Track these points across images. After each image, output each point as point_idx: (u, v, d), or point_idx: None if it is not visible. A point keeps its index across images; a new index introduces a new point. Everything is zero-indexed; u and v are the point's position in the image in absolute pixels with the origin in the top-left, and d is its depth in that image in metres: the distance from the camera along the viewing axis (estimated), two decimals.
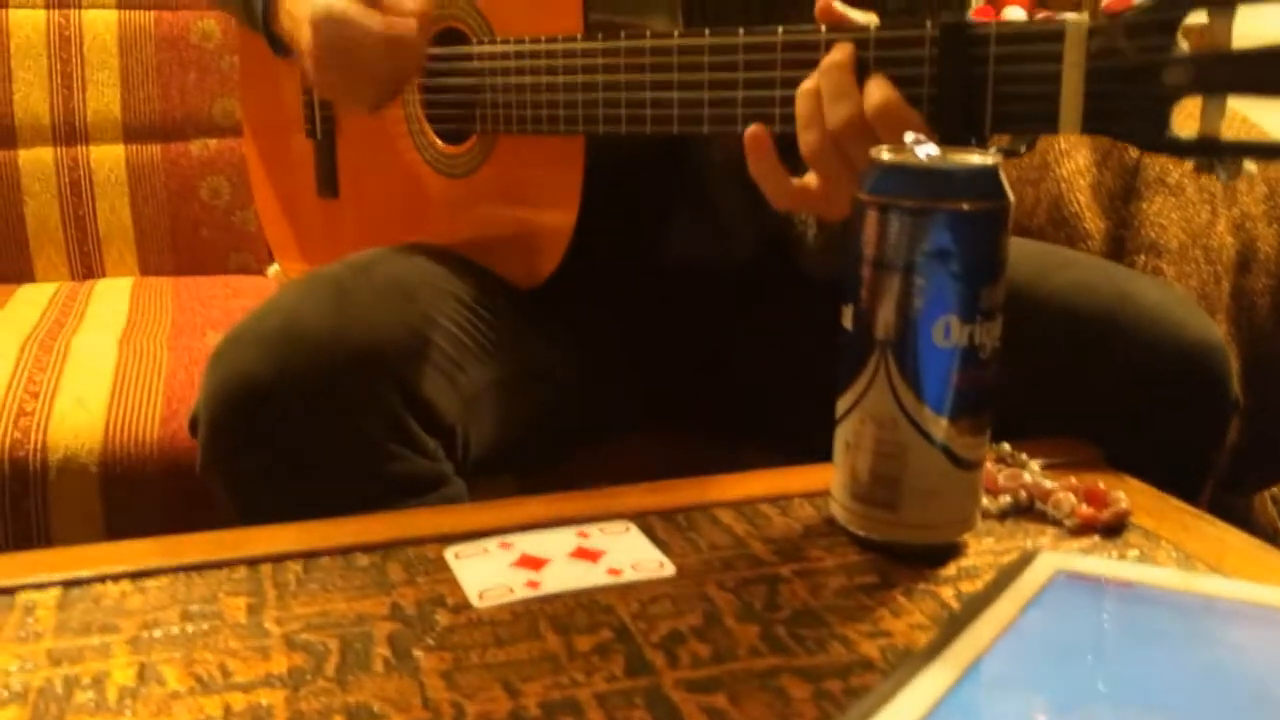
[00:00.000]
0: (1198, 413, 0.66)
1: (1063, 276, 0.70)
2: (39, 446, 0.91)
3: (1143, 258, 1.04)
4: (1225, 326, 1.08)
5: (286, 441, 0.68)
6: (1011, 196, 0.51)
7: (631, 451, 0.98)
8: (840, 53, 0.62)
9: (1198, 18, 0.55)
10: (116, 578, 0.51)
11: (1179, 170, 1.09)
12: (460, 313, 0.79)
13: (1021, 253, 0.68)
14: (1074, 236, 1.09)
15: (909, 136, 0.53)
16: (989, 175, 0.50)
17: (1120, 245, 1.07)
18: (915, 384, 0.50)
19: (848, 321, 0.53)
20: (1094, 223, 1.08)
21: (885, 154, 0.52)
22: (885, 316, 0.51)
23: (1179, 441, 0.66)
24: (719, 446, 1.00)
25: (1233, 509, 1.15)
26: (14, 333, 1.11)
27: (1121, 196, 1.08)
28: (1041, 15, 2.13)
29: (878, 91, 0.60)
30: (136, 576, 0.51)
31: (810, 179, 0.65)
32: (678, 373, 0.93)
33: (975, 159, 0.51)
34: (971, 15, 0.91)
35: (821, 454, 0.56)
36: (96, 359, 1.04)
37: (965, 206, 0.49)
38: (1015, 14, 2.17)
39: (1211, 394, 0.66)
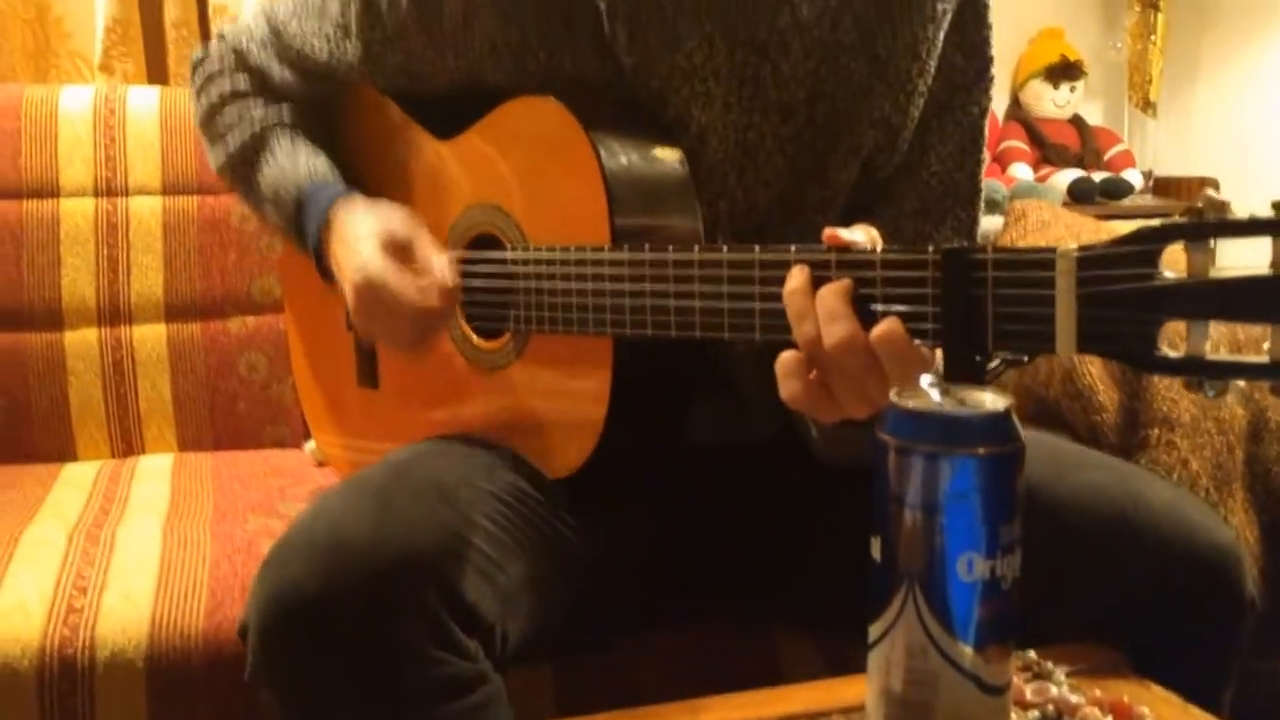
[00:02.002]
0: (1214, 616, 0.68)
1: (1077, 478, 0.73)
2: (87, 643, 0.93)
3: (1156, 431, 1.07)
4: (1241, 494, 1.10)
5: (334, 651, 0.71)
6: (1024, 439, 0.54)
7: (666, 634, 1.00)
8: (838, 286, 0.67)
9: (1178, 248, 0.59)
10: None
11: None
12: (497, 509, 0.83)
13: (1036, 450, 0.71)
14: (1089, 408, 1.12)
15: (925, 379, 0.56)
16: (1002, 420, 0.53)
17: (1134, 417, 1.10)
18: (942, 616, 0.53)
19: (876, 552, 0.55)
20: (1107, 395, 1.11)
21: (902, 397, 0.55)
22: (910, 551, 0.54)
23: (1198, 643, 0.68)
24: (750, 623, 1.02)
25: (1263, 675, 1.16)
26: (61, 522, 1.15)
27: (1132, 370, 1.11)
28: (1044, 172, 2.20)
29: (884, 322, 0.64)
30: None
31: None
32: (707, 549, 0.96)
33: (988, 402, 0.55)
34: (984, 157, 0.97)
35: (849, 625, 0.58)
36: (141, 549, 1.07)
37: (981, 451, 0.52)
38: (1022, 171, 2.25)
39: (1226, 597, 0.68)
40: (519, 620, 0.80)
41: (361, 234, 0.93)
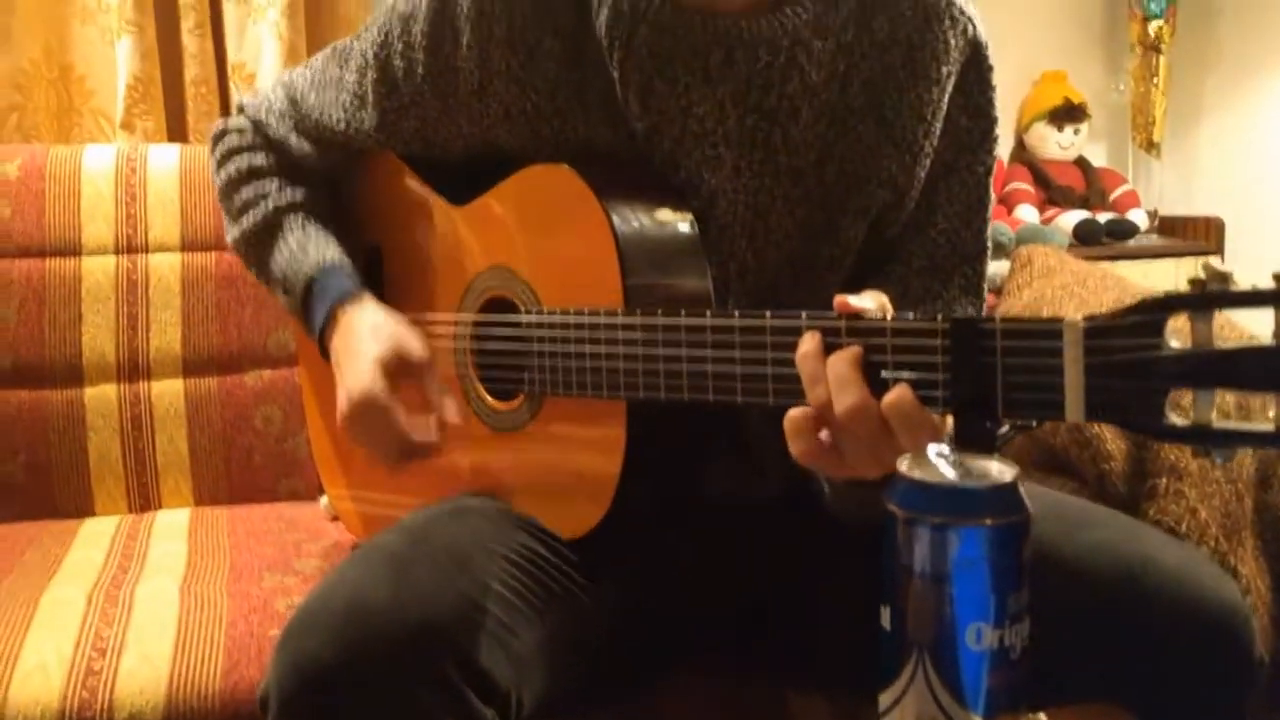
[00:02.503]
0: (1223, 676, 0.69)
1: (1085, 537, 0.74)
2: (106, 706, 0.94)
3: (1164, 480, 1.08)
4: (1251, 542, 1.11)
5: None
6: (1031, 503, 0.55)
7: (679, 691, 1.00)
8: (849, 354, 0.68)
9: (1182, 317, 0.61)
10: None
11: None
12: (511, 574, 0.84)
13: (1042, 508, 0.72)
14: (1096, 457, 1.13)
15: (934, 448, 0.57)
16: (1009, 491, 0.54)
17: (1141, 466, 1.11)
18: (952, 685, 0.54)
19: (886, 621, 0.56)
20: (1115, 444, 1.12)
21: (910, 467, 0.57)
22: (919, 620, 0.55)
23: (1206, 703, 0.69)
24: (762, 682, 1.03)
25: None
26: (80, 582, 1.16)
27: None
28: (1050, 213, 2.21)
29: (894, 390, 0.65)
30: None
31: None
32: (720, 607, 0.97)
33: (995, 472, 0.56)
34: (990, 215, 0.98)
35: (861, 685, 0.59)
36: (159, 610, 1.08)
37: (988, 522, 0.53)
38: (1027, 213, 2.26)
39: (1235, 658, 0.69)
40: (534, 684, 0.81)
41: (364, 350, 0.96)
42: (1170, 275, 2.46)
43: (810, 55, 0.89)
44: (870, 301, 0.71)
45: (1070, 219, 2.43)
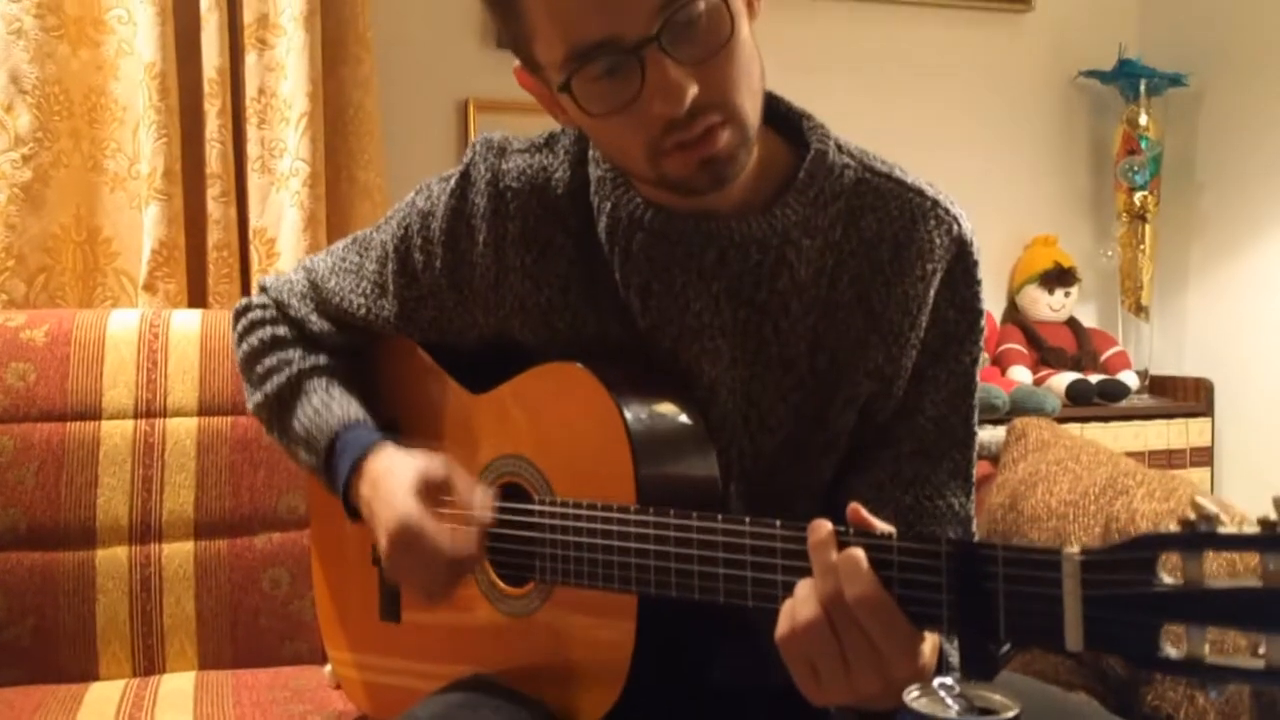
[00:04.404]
0: None
1: None
2: None
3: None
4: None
5: None
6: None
7: None
8: (859, 550, 0.72)
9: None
10: None
11: None
12: None
13: (1042, 708, 0.74)
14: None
15: (937, 680, 0.60)
16: None
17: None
18: None
19: None
20: None
21: (916, 698, 0.59)
22: None
23: None
24: None
25: None
26: None
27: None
28: (1042, 374, 2.27)
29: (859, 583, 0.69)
30: None
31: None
32: None
33: (999, 707, 0.58)
34: (976, 403, 1.02)
35: None
36: None
37: None
38: (1021, 374, 2.31)
39: None
40: None
41: (396, 485, 0.98)
42: (1163, 436, 2.51)
43: (799, 252, 0.94)
44: (880, 523, 0.74)
45: (1062, 380, 2.49)
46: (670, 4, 0.81)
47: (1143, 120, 2.61)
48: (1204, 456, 2.56)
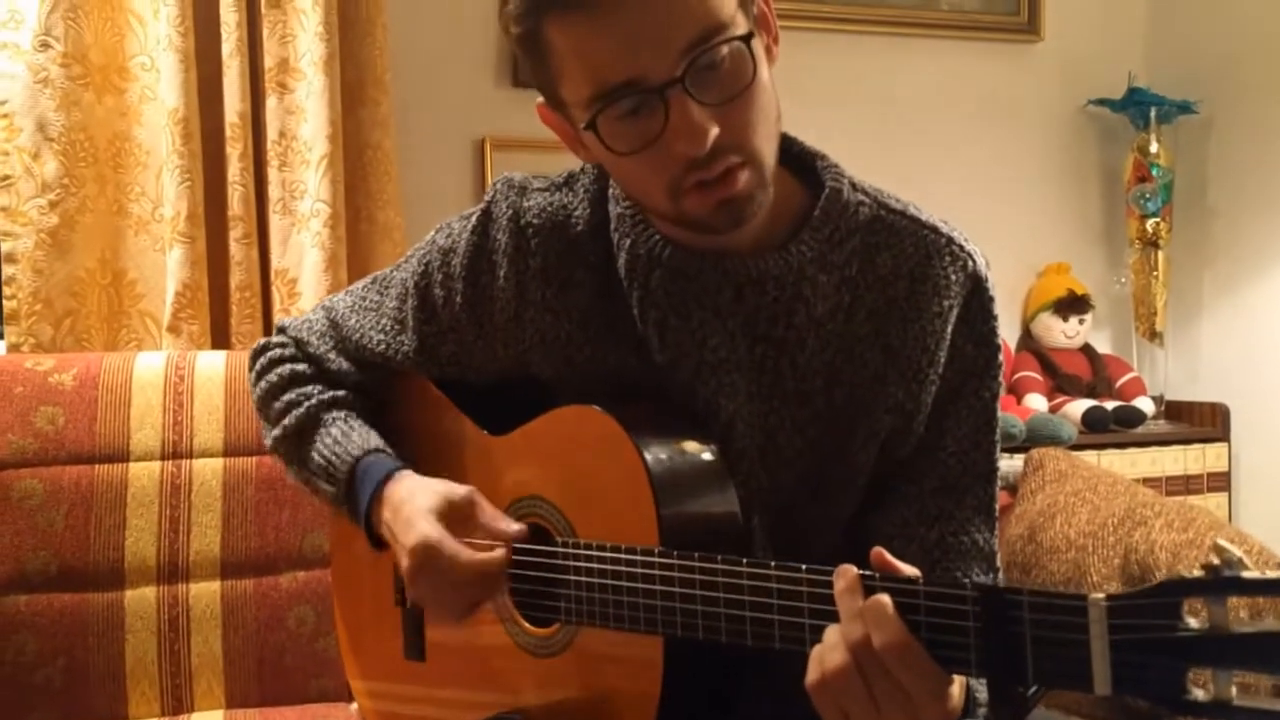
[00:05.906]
0: None
1: None
2: None
3: None
4: None
5: None
6: None
7: None
8: (885, 597, 0.73)
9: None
10: None
11: None
12: None
13: None
14: None
15: None
16: None
17: None
18: None
19: None
20: None
21: None
22: None
23: None
24: None
25: None
26: None
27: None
28: (1058, 401, 2.26)
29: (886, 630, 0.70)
30: None
31: None
32: None
33: None
34: (998, 437, 1.03)
35: None
36: None
37: None
38: (1037, 401, 2.31)
39: None
40: None
41: (417, 508, 0.99)
42: (1180, 461, 2.51)
43: (815, 288, 0.96)
44: (906, 567, 0.75)
45: (1078, 407, 2.49)
46: (695, 47, 0.83)
47: (1153, 148, 2.62)
48: (1221, 481, 2.55)
